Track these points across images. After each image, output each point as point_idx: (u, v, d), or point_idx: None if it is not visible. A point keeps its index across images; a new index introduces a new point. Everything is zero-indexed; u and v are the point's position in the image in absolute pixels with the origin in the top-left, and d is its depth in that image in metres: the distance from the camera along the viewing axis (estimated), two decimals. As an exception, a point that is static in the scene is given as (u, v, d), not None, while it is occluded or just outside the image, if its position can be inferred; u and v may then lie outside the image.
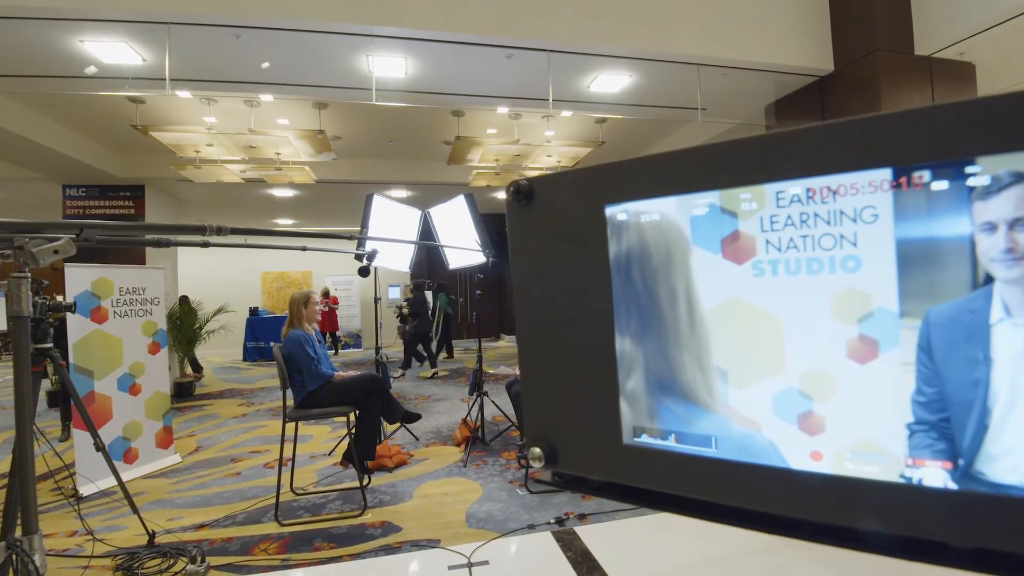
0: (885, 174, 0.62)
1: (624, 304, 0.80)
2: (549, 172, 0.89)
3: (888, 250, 0.62)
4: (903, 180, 0.61)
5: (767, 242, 0.69)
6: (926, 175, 0.60)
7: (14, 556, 1.94)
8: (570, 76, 7.43)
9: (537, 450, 0.88)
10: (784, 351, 0.68)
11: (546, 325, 0.88)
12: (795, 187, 0.67)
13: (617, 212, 0.81)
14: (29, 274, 1.81)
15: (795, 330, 0.68)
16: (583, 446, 0.86)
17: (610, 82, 7.67)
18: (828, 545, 0.68)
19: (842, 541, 0.68)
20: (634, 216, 0.79)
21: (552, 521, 4.61)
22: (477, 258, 6.98)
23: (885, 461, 0.64)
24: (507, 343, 19.99)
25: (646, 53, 6.79)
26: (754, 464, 0.71)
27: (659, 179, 0.77)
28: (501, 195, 14.21)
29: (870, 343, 0.63)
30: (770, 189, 0.69)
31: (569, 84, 7.66)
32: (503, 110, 8.61)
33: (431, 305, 15.22)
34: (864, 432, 0.65)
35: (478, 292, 7.64)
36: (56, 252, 1.55)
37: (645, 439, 0.80)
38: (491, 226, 7.24)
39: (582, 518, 4.66)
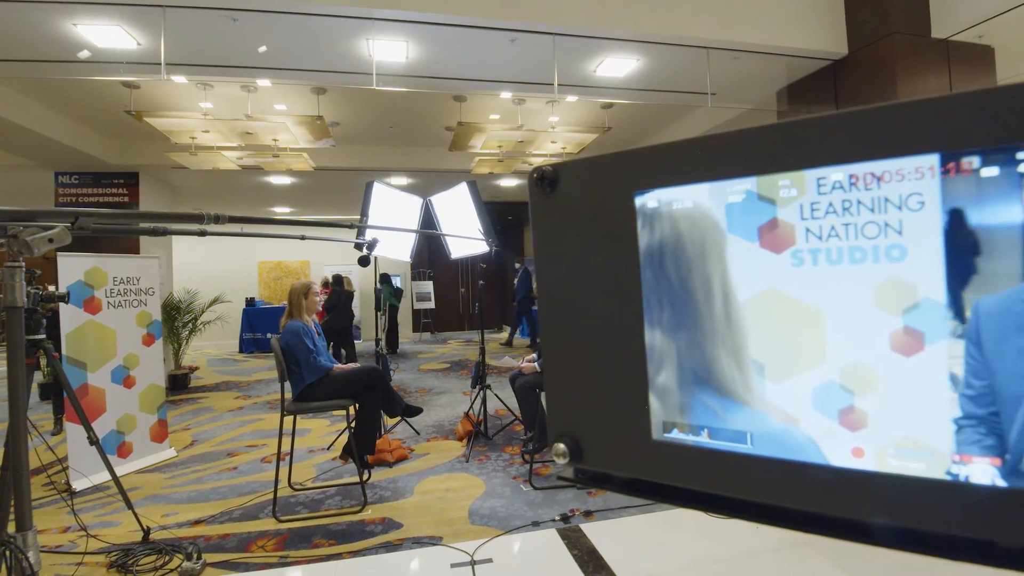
0: (932, 160, 0.61)
1: (654, 295, 0.79)
2: (575, 158, 0.86)
3: (935, 239, 0.61)
4: (951, 166, 0.60)
5: (807, 230, 0.68)
6: (976, 161, 0.59)
7: (7, 553, 1.94)
8: (576, 60, 7.38)
9: (561, 446, 0.87)
10: (824, 343, 0.67)
11: (571, 317, 0.87)
12: (837, 173, 0.66)
13: (647, 199, 0.80)
14: (23, 264, 1.80)
15: (836, 321, 0.67)
16: (610, 442, 0.85)
17: (617, 66, 7.63)
18: (869, 545, 0.67)
19: (884, 540, 0.67)
20: (665, 204, 0.78)
21: (557, 518, 4.61)
22: (480, 247, 6.96)
23: (931, 457, 0.63)
24: (509, 334, 19.99)
25: (654, 36, 6.75)
26: (791, 461, 0.70)
27: (692, 165, 0.76)
28: (504, 182, 14.36)
29: (916, 335, 0.62)
30: (810, 175, 0.68)
31: (574, 68, 7.62)
32: (506, 95, 8.57)
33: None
34: (909, 427, 0.63)
35: (481, 282, 7.62)
36: (51, 241, 1.54)
37: (676, 435, 0.79)
38: (494, 214, 7.22)
39: (588, 515, 4.66)
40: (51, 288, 4.96)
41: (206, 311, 12.34)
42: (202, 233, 2.28)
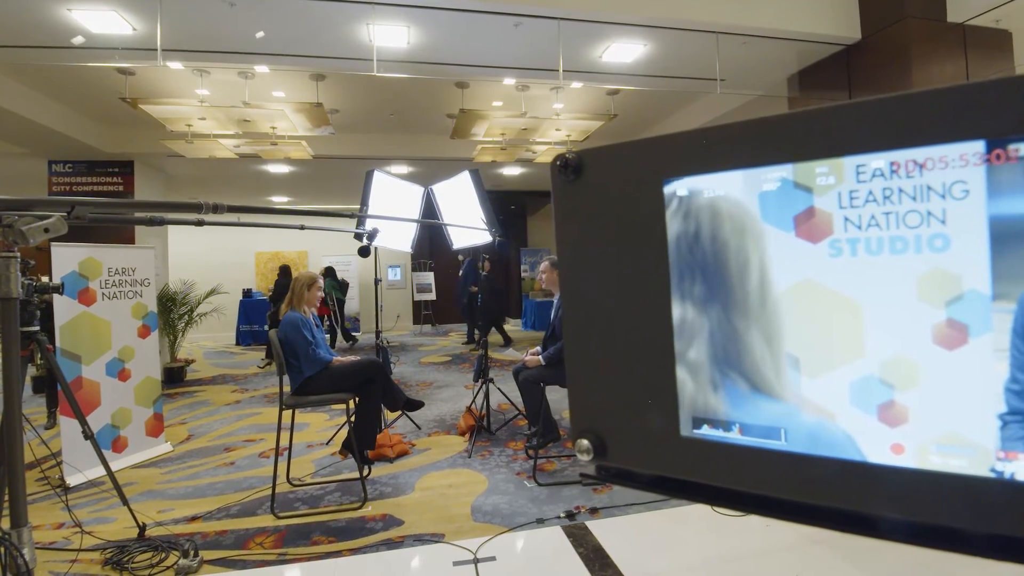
0: (977, 147, 0.59)
1: (683, 287, 0.78)
2: (600, 145, 0.85)
3: (980, 228, 0.60)
4: (997, 153, 0.59)
5: (846, 219, 0.67)
6: (1023, 148, 0.57)
7: (2, 550, 1.93)
8: (581, 45, 7.36)
9: (585, 442, 0.86)
10: (863, 337, 0.66)
11: (596, 310, 0.86)
12: (877, 160, 0.65)
13: (676, 188, 0.78)
14: (18, 254, 1.79)
15: (876, 314, 0.65)
16: (636, 438, 0.84)
17: (623, 51, 7.60)
18: (909, 544, 0.66)
19: (923, 539, 0.66)
20: (695, 192, 0.77)
21: (562, 515, 4.60)
22: (483, 237, 6.94)
23: (974, 454, 0.62)
24: (512, 327, 19.96)
25: (662, 21, 6.72)
26: (827, 458, 0.69)
27: (724, 152, 0.75)
28: (507, 171, 14.34)
29: (959, 328, 0.61)
30: (849, 162, 0.66)
31: (580, 54, 7.59)
32: (510, 82, 8.56)
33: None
34: (951, 423, 0.62)
35: (484, 274, 7.60)
36: (47, 231, 1.53)
37: (706, 431, 0.78)
38: (497, 204, 7.20)
39: (594, 512, 4.65)
40: (44, 279, 4.95)
41: (202, 302, 12.34)
42: (200, 223, 2.27)
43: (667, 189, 0.79)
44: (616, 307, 0.84)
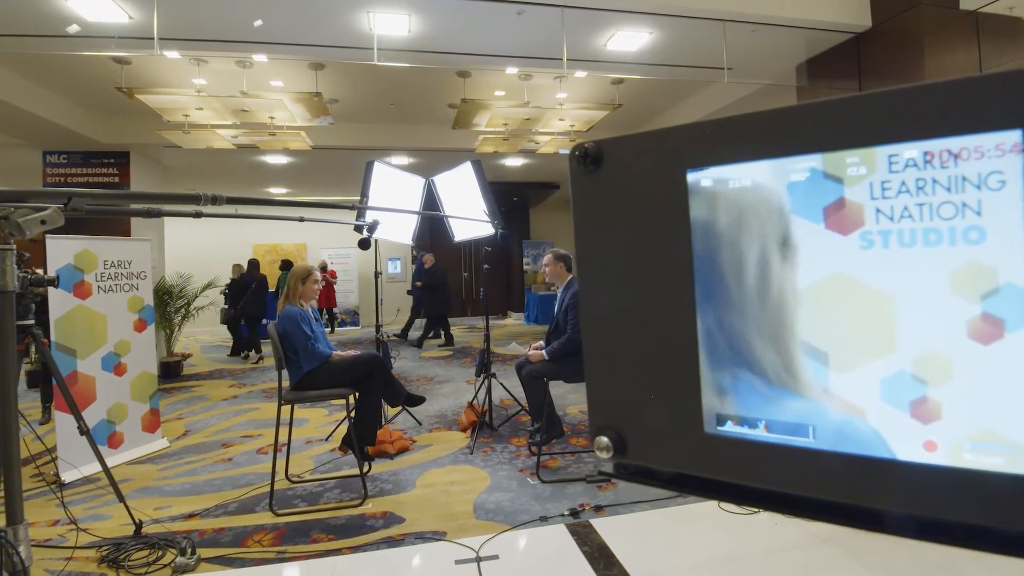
0: (1014, 136, 0.58)
1: (707, 280, 0.77)
2: (621, 134, 0.84)
3: (1017, 219, 0.58)
4: (1034, 143, 0.57)
5: (877, 211, 0.66)
6: (1061, 138, 0.57)
7: (-2, 547, 1.92)
8: (585, 34, 7.34)
9: (604, 439, 0.85)
10: (895, 331, 0.65)
11: (615, 303, 0.85)
12: (910, 150, 0.63)
13: (701, 178, 0.77)
14: (14, 246, 1.78)
15: (908, 308, 0.64)
16: (657, 435, 0.84)
17: (628, 40, 7.58)
18: (943, 544, 0.65)
19: (955, 539, 0.65)
20: (720, 182, 0.76)
21: (566, 513, 4.59)
22: (485, 229, 6.93)
23: (1010, 452, 0.61)
24: (515, 321, 19.97)
25: (668, 8, 6.69)
26: (857, 455, 0.69)
27: (751, 141, 0.74)
28: (510, 162, 14.32)
29: (995, 322, 0.60)
30: (881, 152, 0.65)
31: (584, 42, 7.57)
32: (512, 71, 8.51)
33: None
34: (987, 420, 0.61)
35: (486, 266, 7.58)
36: (43, 223, 1.52)
37: (730, 428, 0.77)
38: (499, 195, 7.18)
39: (598, 510, 4.64)
40: (39, 272, 4.94)
41: (199, 296, 12.34)
42: (198, 215, 2.25)
43: (691, 179, 0.78)
44: (637, 301, 0.83)
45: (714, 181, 0.76)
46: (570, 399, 8.22)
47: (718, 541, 4.11)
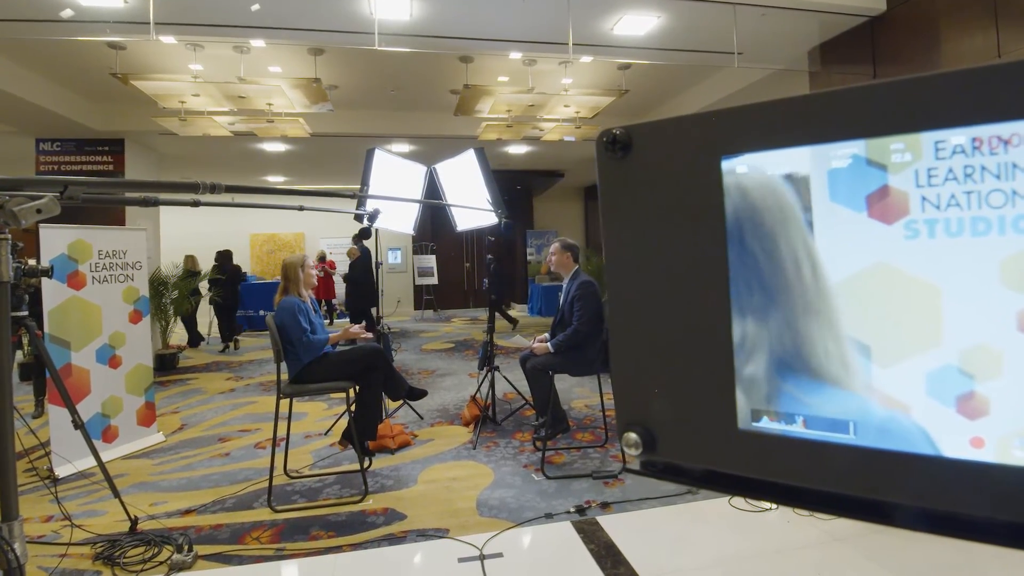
0: None
1: (742, 270, 0.76)
2: (652, 119, 0.83)
3: None
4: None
5: (923, 199, 0.65)
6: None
7: (-7, 544, 1.91)
8: (591, 18, 7.30)
9: (633, 435, 0.84)
10: (941, 323, 0.64)
11: (644, 294, 0.85)
12: (958, 136, 0.62)
13: (736, 165, 0.76)
14: (9, 236, 1.77)
15: (955, 299, 0.63)
16: (689, 432, 0.83)
17: (636, 24, 7.54)
18: (989, 544, 0.64)
19: (1006, 539, 0.64)
20: (757, 169, 0.75)
21: (572, 510, 4.58)
22: (488, 219, 6.91)
23: None
24: (518, 313, 19.97)
25: (677, -9, 6.68)
26: (900, 452, 0.68)
27: (789, 126, 0.73)
28: (513, 149, 14.30)
29: None
30: (927, 138, 0.64)
31: (590, 27, 7.53)
32: (516, 56, 8.48)
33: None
34: None
35: (489, 257, 7.56)
36: (39, 212, 1.51)
37: (766, 423, 0.77)
38: (502, 183, 7.16)
39: (605, 507, 4.63)
40: (31, 262, 4.94)
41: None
42: (195, 203, 2.24)
43: (725, 166, 0.77)
44: (668, 292, 0.82)
45: (750, 168, 0.75)
46: (575, 393, 8.21)
47: (729, 539, 4.10)
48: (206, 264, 14.15)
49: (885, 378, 0.68)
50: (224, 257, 14.02)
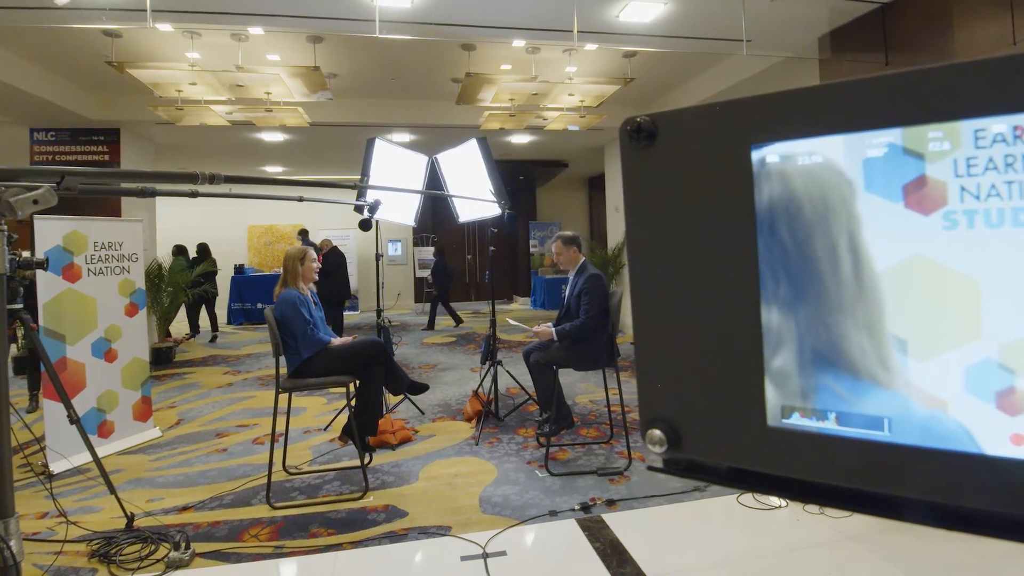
0: None
1: (772, 262, 0.75)
2: (678, 107, 0.82)
3: None
4: None
5: (962, 189, 0.63)
6: None
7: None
8: (597, 4, 7.26)
9: (657, 432, 0.83)
10: (981, 317, 0.63)
11: (669, 287, 0.84)
12: (999, 124, 0.61)
13: (767, 154, 0.75)
14: (5, 227, 1.75)
15: (995, 292, 0.62)
16: (715, 428, 0.82)
17: (642, 10, 7.50)
18: None
19: None
20: (788, 158, 0.73)
21: (577, 507, 4.57)
22: (491, 210, 6.89)
23: None
24: (521, 306, 19.97)
25: (685, -22, 6.65)
26: (938, 449, 0.67)
27: (823, 114, 0.71)
28: (516, 139, 14.27)
29: None
30: (967, 127, 0.62)
31: (595, 13, 7.50)
32: (520, 43, 8.44)
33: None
34: None
35: (492, 248, 7.54)
36: (36, 203, 1.50)
37: (796, 420, 0.76)
38: (505, 174, 7.14)
39: (610, 504, 4.62)
40: (26, 254, 4.93)
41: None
42: (193, 194, 2.23)
43: (755, 155, 0.75)
44: (695, 285, 0.81)
45: (781, 158, 0.74)
46: (580, 388, 8.22)
47: (737, 537, 4.09)
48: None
49: (922, 373, 0.67)
50: (201, 251, 14.12)
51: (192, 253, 14.72)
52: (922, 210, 0.66)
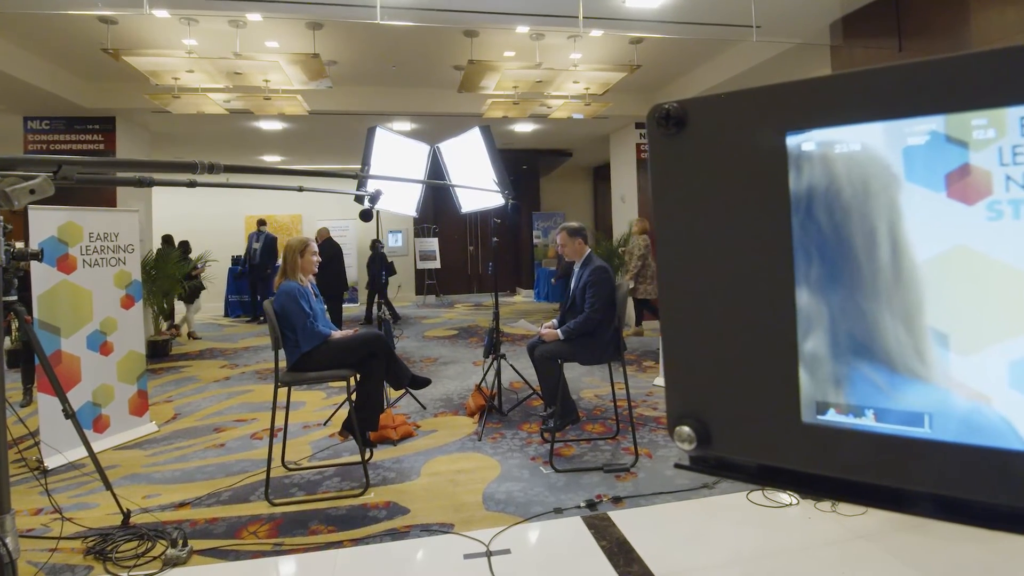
0: None
1: (808, 254, 0.74)
2: (708, 94, 0.81)
3: None
4: None
5: (1007, 178, 0.62)
6: None
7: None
8: (603, -11, 7.26)
9: (686, 429, 0.83)
10: None
11: (699, 280, 0.83)
12: None
13: (802, 141, 0.74)
14: (0, 217, 1.75)
15: None
16: (748, 425, 0.82)
17: (650, -4, 7.50)
18: None
19: None
20: (825, 146, 0.72)
21: (582, 504, 4.56)
22: (494, 200, 6.88)
23: None
24: (524, 298, 19.95)
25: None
26: (981, 447, 0.65)
27: (861, 100, 0.70)
28: (519, 127, 14.24)
29: None
30: (1013, 113, 0.61)
31: (601, -1, 7.49)
32: (523, 30, 8.42)
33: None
34: None
35: (495, 239, 7.53)
36: (33, 192, 1.49)
37: (832, 416, 0.75)
38: (508, 163, 7.12)
39: (617, 501, 4.61)
40: (20, 245, 4.92)
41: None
42: (192, 184, 2.22)
43: (790, 143, 0.74)
44: (726, 278, 0.80)
45: (817, 145, 0.73)
46: (585, 382, 8.21)
47: (747, 536, 4.08)
48: (198, 249, 14.18)
49: (964, 368, 0.66)
50: (167, 241, 14.14)
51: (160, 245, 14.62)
52: (965, 200, 0.64)
